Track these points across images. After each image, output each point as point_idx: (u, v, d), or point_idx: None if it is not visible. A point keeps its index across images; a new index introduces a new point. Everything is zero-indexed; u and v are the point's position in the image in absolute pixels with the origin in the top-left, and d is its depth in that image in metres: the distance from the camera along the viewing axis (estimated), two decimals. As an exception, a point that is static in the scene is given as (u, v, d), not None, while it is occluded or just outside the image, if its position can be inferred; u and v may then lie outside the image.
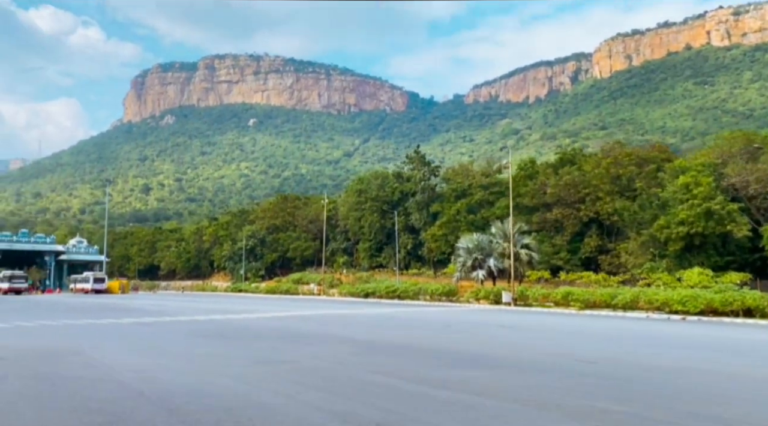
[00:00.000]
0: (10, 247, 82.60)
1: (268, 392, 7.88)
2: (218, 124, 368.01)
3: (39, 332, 17.10)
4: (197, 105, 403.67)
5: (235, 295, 64.10)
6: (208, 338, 15.41)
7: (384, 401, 7.32)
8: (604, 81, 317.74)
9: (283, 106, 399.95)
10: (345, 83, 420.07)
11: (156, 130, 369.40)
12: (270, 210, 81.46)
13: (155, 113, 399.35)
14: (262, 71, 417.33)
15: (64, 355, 11.35)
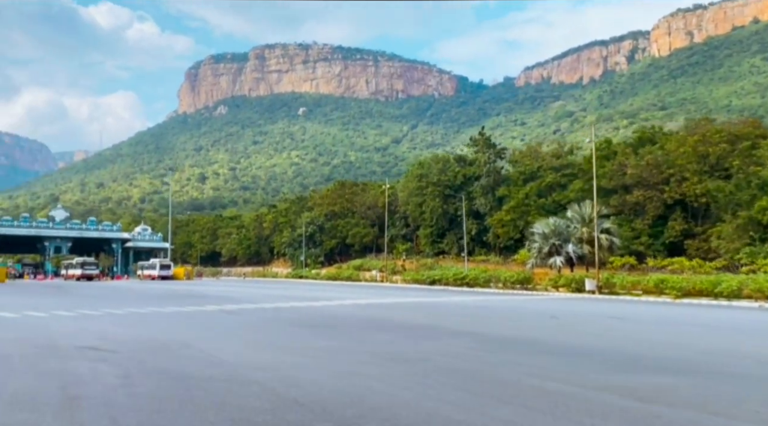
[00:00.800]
0: (80, 234, 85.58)
1: (428, 398, 6.54)
2: (269, 114, 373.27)
3: (132, 320, 16.44)
4: (248, 95, 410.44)
5: (296, 281, 63.96)
6: (312, 329, 14.29)
7: (559, 410, 5.97)
8: (662, 59, 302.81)
9: (332, 94, 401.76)
10: (392, 69, 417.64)
11: (210, 121, 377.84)
12: (328, 197, 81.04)
13: (209, 104, 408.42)
14: (311, 60, 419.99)
15: (175, 349, 10.37)
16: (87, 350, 10.05)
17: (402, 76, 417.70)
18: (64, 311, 19.44)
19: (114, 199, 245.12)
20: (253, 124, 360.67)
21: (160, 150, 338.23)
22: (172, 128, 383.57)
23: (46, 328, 14.31)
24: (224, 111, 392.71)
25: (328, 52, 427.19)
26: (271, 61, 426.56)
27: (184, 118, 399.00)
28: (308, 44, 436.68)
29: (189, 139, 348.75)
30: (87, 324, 15.38)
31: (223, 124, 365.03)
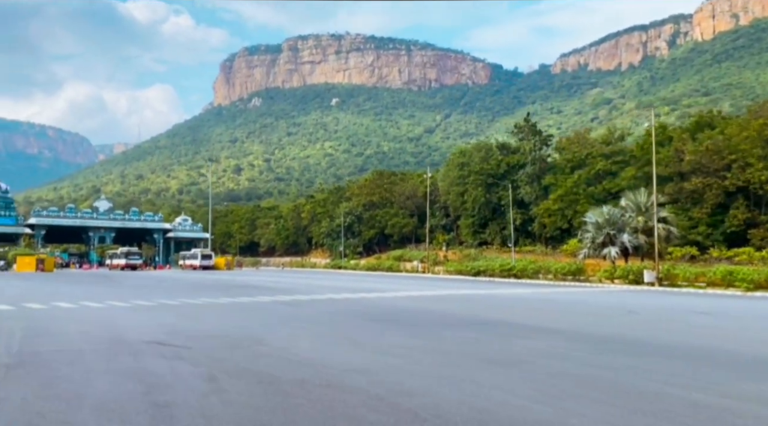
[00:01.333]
0: (123, 225, 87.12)
1: (571, 414, 5.52)
2: (302, 105, 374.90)
3: (190, 312, 15.86)
4: (282, 86, 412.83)
5: (336, 272, 63.47)
6: (381, 323, 13.40)
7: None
8: (706, 44, 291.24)
9: (364, 84, 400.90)
10: (425, 58, 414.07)
11: (244, 113, 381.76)
12: (366, 186, 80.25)
13: (243, 96, 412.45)
14: (344, 50, 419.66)
15: (248, 345, 9.60)
16: (157, 346, 9.37)
17: (435, 65, 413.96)
18: (118, 302, 19.09)
19: (153, 191, 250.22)
20: (286, 115, 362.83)
21: (196, 142, 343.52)
22: (207, 120, 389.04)
23: (107, 320, 13.81)
24: (258, 103, 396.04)
25: (361, 42, 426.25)
26: (304, 52, 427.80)
27: (220, 111, 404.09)
28: (341, 34, 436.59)
29: (224, 131, 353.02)
30: (146, 316, 14.87)
31: (258, 116, 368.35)
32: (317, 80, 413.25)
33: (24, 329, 11.38)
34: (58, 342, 9.72)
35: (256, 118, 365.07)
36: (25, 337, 10.14)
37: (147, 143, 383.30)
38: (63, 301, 18.77)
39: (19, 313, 14.94)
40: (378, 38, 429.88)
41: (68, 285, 31.25)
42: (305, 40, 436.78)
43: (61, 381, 6.60)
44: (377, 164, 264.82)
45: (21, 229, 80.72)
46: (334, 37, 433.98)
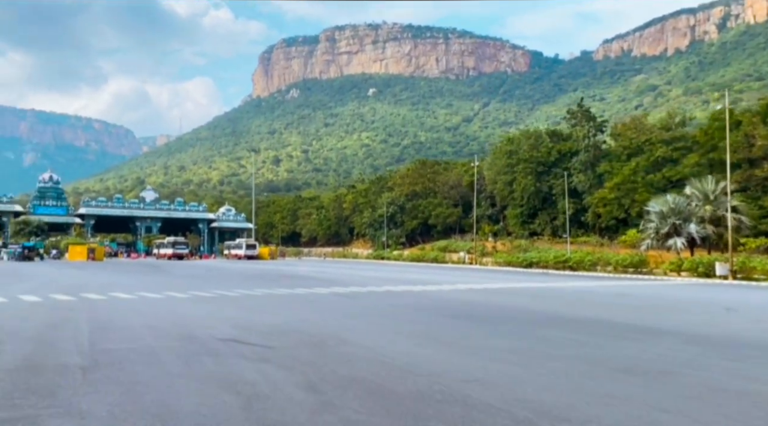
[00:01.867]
0: (168, 215, 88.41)
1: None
2: (339, 96, 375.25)
3: (252, 304, 15.06)
4: (319, 77, 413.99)
5: (378, 262, 62.57)
6: (458, 320, 12.27)
7: None
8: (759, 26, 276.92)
9: (401, 73, 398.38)
10: (463, 46, 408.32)
11: (283, 104, 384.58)
12: (409, 176, 78.97)
13: (281, 87, 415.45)
14: (381, 40, 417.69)
15: (332, 344, 8.61)
16: (233, 344, 8.49)
17: (473, 53, 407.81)
18: (175, 292, 18.53)
19: (195, 182, 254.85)
20: (324, 106, 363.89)
21: (236, 134, 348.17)
22: (247, 112, 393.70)
23: (170, 312, 13.12)
24: (296, 94, 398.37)
25: (398, 32, 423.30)
26: (341, 42, 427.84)
27: (258, 102, 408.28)
28: (378, 24, 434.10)
29: (263, 122, 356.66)
30: (208, 308, 14.13)
31: (296, 107, 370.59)
32: (354, 71, 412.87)
33: (89, 322, 10.72)
34: (127, 338, 8.96)
35: (294, 109, 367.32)
36: (92, 332, 9.43)
37: (188, 135, 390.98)
38: (120, 292, 18.32)
39: (80, 304, 14.43)
40: (415, 27, 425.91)
41: (121, 274, 31.24)
42: (342, 31, 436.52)
43: (143, 389, 5.72)
44: (414, 154, 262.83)
45: (72, 219, 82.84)
46: (371, 27, 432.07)
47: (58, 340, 8.61)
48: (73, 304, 14.39)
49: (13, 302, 14.69)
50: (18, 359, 7.13)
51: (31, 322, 10.69)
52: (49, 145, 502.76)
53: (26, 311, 12.68)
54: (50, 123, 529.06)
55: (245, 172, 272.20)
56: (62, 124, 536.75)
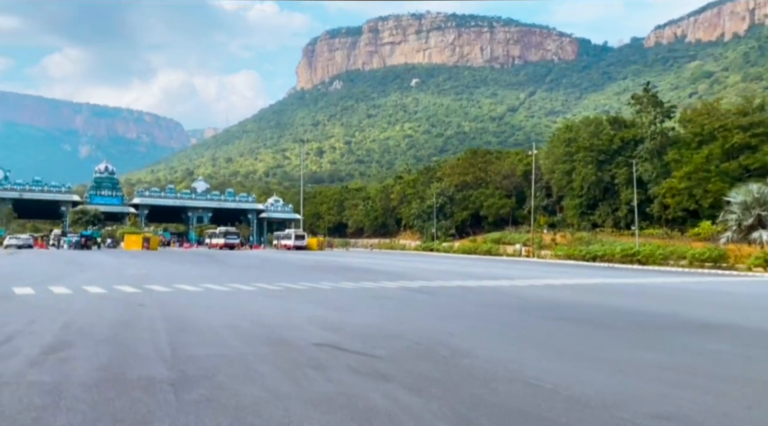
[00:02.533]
0: (219, 205, 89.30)
1: None
2: (382, 87, 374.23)
3: (326, 299, 13.90)
4: (362, 69, 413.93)
5: (428, 254, 61.13)
6: (562, 322, 10.73)
7: None
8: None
9: (445, 63, 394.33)
10: (509, 35, 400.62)
11: (326, 96, 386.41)
12: (459, 166, 76.95)
13: (325, 79, 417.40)
14: (424, 30, 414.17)
15: (447, 355, 7.26)
16: (334, 351, 7.26)
17: (519, 42, 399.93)
18: (240, 284, 17.62)
19: (242, 173, 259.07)
20: (366, 97, 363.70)
21: (281, 126, 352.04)
22: (291, 104, 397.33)
23: (244, 308, 12.07)
24: (339, 86, 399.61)
25: (442, 21, 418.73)
26: (384, 33, 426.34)
27: (302, 94, 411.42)
28: (421, 14, 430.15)
29: (307, 114, 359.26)
30: (283, 304, 13.04)
31: (339, 99, 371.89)
32: (397, 61, 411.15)
33: (164, 320, 9.73)
34: (210, 342, 7.86)
35: (337, 100, 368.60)
36: (170, 333, 8.39)
37: (235, 127, 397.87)
38: (184, 283, 17.53)
39: (148, 297, 13.59)
40: (459, 16, 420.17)
41: (179, 264, 30.86)
42: (385, 21, 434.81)
43: (255, 419, 4.50)
44: (458, 145, 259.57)
45: (126, 209, 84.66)
46: (415, 17, 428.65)
47: (135, 343, 7.58)
48: (141, 297, 13.56)
49: (79, 294, 14.00)
50: (95, 368, 6.08)
51: (101, 319, 9.78)
52: (103, 138, 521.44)
53: (94, 305, 11.87)
54: (104, 116, 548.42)
55: (290, 163, 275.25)
56: (115, 117, 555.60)
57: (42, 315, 10.15)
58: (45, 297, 13.21)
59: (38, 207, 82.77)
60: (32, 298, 12.85)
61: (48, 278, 18.89)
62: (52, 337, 7.82)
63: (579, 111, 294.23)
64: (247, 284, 17.67)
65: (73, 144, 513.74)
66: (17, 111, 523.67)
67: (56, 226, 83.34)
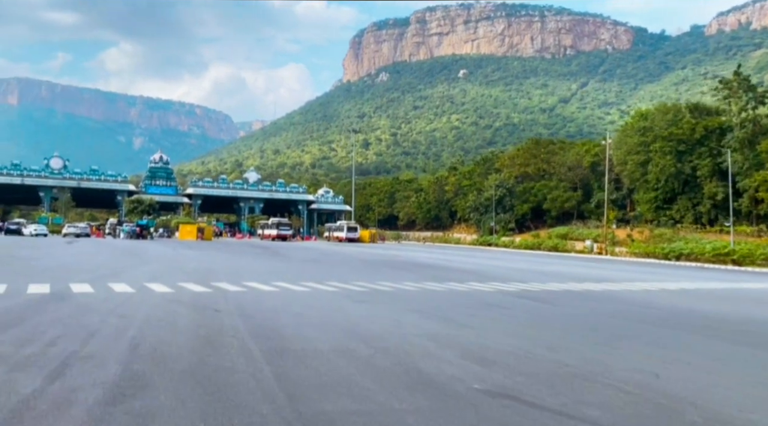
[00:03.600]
0: (270, 196, 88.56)
1: None
2: (429, 78, 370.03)
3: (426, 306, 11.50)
4: (409, 60, 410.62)
5: (487, 249, 57.96)
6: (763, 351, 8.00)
7: None
8: None
9: (493, 54, 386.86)
10: (560, 24, 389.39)
11: (372, 88, 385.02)
12: (519, 157, 73.21)
13: (371, 71, 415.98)
14: (473, 20, 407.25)
15: (678, 409, 4.74)
16: (517, 405, 4.86)
17: (571, 31, 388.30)
18: (315, 283, 15.48)
19: (289, 165, 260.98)
20: (413, 89, 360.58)
21: (327, 118, 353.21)
22: (337, 96, 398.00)
23: (344, 320, 9.77)
24: (385, 77, 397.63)
25: (491, 10, 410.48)
26: (431, 23, 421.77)
27: (349, 87, 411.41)
28: (470, 3, 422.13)
29: (353, 106, 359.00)
30: (382, 313, 10.73)
31: (385, 91, 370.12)
32: (444, 52, 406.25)
33: (253, 337, 7.55)
34: (333, 381, 5.54)
35: (383, 92, 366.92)
36: (271, 361, 6.15)
37: (282, 120, 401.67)
38: (253, 280, 15.53)
39: (222, 299, 11.54)
40: (509, 5, 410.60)
41: (239, 256, 29.17)
42: (433, 12, 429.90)
43: None
44: (507, 137, 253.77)
45: (180, 199, 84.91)
46: (463, 7, 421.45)
47: (231, 381, 5.36)
48: (213, 299, 11.53)
49: (143, 294, 12.10)
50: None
51: (175, 333, 7.69)
52: (155, 130, 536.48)
53: (163, 310, 9.87)
54: (157, 109, 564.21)
55: (336, 155, 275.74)
56: (167, 109, 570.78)
57: (103, 325, 8.16)
58: (105, 297, 11.35)
59: (95, 196, 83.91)
60: (91, 299, 10.99)
61: (107, 272, 17.28)
62: (118, 367, 5.71)
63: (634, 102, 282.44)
64: (321, 283, 15.52)
65: (127, 135, 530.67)
66: (76, 104, 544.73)
67: (112, 215, 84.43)
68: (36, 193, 78.54)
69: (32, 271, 17.08)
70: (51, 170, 79.32)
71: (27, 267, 18.68)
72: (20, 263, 20.33)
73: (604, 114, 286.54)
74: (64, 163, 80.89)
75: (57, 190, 77.03)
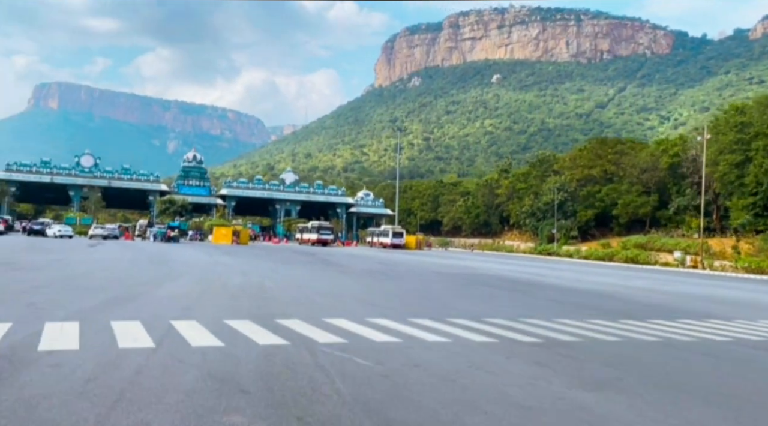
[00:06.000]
0: (308, 198, 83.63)
1: None
2: (462, 83, 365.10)
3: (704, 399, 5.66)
4: (441, 65, 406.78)
5: (551, 259, 51.30)
6: None
7: None
8: None
9: (527, 58, 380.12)
10: (597, 28, 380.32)
11: (404, 92, 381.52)
12: (582, 157, 66.40)
13: (403, 76, 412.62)
14: (506, 24, 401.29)
15: None
16: None
17: (608, 35, 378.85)
18: (435, 322, 9.79)
19: (320, 168, 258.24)
20: (445, 93, 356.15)
21: (358, 122, 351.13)
22: (369, 101, 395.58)
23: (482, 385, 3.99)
24: (418, 82, 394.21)
25: (525, 15, 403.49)
26: (465, 28, 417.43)
27: (380, 91, 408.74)
28: (504, 8, 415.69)
29: (385, 111, 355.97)
30: (508, 366, 4.89)
31: (417, 95, 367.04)
32: (477, 57, 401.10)
33: None
34: None
35: (415, 97, 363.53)
36: None
37: (314, 124, 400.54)
38: (338, 315, 9.97)
39: (315, 368, 5.90)
40: (544, 9, 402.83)
41: (288, 267, 23.64)
42: (466, 16, 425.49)
43: None
44: (542, 142, 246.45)
45: (214, 200, 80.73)
46: (497, 11, 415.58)
47: None
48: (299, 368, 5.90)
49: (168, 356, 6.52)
50: None
51: None
52: (189, 134, 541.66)
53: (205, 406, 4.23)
54: (190, 113, 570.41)
55: (368, 159, 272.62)
56: (200, 114, 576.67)
57: None
58: (93, 365, 5.80)
59: (126, 196, 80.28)
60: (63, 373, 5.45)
61: (119, 294, 11.87)
62: None
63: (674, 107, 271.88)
64: (446, 321, 9.79)
65: (161, 139, 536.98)
66: (113, 107, 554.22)
67: (144, 216, 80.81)
68: (66, 193, 75.22)
69: (12, 289, 11.78)
70: (81, 168, 75.90)
71: (10, 281, 13.43)
72: (9, 274, 15.13)
73: (642, 119, 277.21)
74: (95, 161, 77.42)
75: (87, 189, 73.41)
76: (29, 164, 74.25)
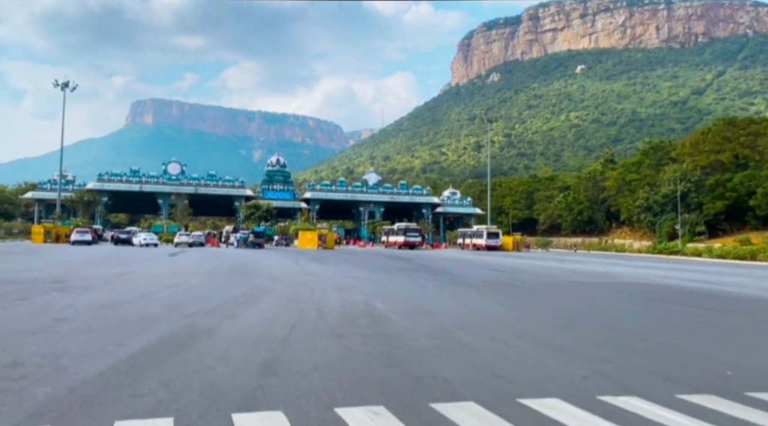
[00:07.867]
0: (392, 199, 79.94)
1: None
2: (543, 76, 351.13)
3: None
4: (521, 59, 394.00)
5: (676, 259, 43.73)
6: None
7: None
8: None
9: (614, 47, 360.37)
10: (690, 10, 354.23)
11: (482, 89, 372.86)
12: (706, 142, 57.77)
13: (481, 73, 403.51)
14: (590, 13, 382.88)
15: None
16: None
17: (703, 17, 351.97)
18: (677, 391, 4.83)
19: (399, 170, 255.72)
20: (526, 88, 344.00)
21: (436, 122, 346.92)
22: (446, 101, 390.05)
23: None
24: (496, 78, 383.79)
25: (610, 2, 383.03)
26: (545, 20, 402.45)
27: (458, 90, 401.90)
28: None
29: (463, 109, 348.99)
30: None
31: (496, 91, 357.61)
32: (559, 48, 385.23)
33: None
34: None
35: (494, 93, 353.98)
36: None
37: (391, 127, 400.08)
38: (551, 391, 5.21)
39: None
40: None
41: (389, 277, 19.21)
42: (546, 8, 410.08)
43: None
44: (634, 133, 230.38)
45: (297, 204, 79.02)
46: (579, 1, 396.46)
47: None
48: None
49: None
50: None
51: None
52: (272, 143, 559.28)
53: None
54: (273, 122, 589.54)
55: (446, 159, 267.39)
56: (283, 122, 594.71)
57: None
58: None
59: (213, 202, 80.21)
60: None
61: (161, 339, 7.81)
62: None
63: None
64: (735, 398, 4.81)
65: (247, 149, 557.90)
66: (201, 120, 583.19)
67: (231, 222, 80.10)
68: (155, 201, 75.96)
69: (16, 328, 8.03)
70: (168, 176, 76.43)
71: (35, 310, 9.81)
72: (40, 299, 11.65)
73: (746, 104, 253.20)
74: (181, 169, 77.74)
75: (174, 197, 73.66)
76: (119, 174, 75.52)
